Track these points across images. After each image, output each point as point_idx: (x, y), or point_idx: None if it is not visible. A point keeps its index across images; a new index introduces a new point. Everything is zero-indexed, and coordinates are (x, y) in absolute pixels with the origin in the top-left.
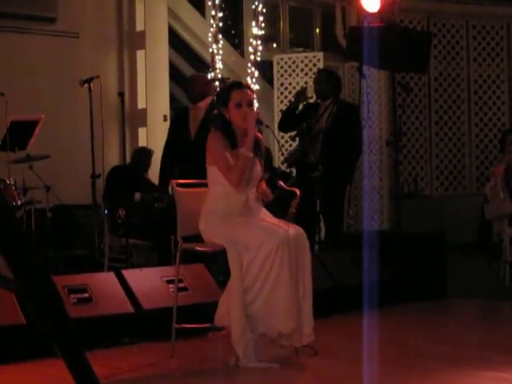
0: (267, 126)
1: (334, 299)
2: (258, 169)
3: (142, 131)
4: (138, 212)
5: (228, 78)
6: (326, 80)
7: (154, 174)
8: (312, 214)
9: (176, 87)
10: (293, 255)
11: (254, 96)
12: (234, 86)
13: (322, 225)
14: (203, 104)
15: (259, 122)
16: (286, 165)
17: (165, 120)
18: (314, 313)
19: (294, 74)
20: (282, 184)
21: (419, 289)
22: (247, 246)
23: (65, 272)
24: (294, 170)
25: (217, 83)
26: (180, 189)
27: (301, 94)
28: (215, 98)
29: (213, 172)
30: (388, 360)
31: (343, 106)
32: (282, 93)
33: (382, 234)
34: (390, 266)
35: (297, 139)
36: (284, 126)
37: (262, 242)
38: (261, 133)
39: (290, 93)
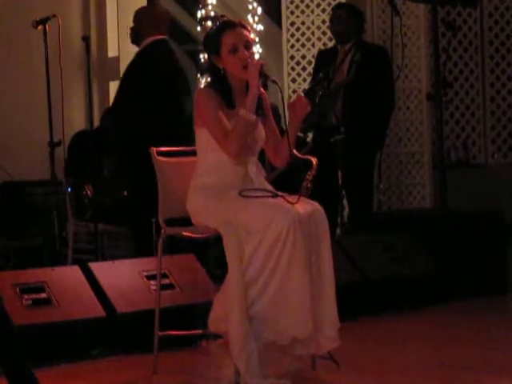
0: (274, 82)
1: (361, 296)
2: (262, 134)
3: (113, 86)
4: (110, 190)
5: (223, 16)
6: (346, 17)
7: None
8: (333, 188)
9: None
10: (307, 239)
11: (255, 38)
12: (223, 26)
13: (346, 202)
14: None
15: (263, 76)
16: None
17: None
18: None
19: (307, 11)
20: (295, 151)
21: (471, 283)
22: (249, 229)
23: (17, 266)
24: (309, 135)
25: (209, 23)
26: (161, 158)
27: (319, 84)
28: (202, 46)
29: (202, 136)
30: (430, 373)
31: (369, 50)
32: (292, 35)
33: (423, 214)
34: (433, 254)
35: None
36: None
37: (267, 223)
38: (265, 88)
39: (303, 35)
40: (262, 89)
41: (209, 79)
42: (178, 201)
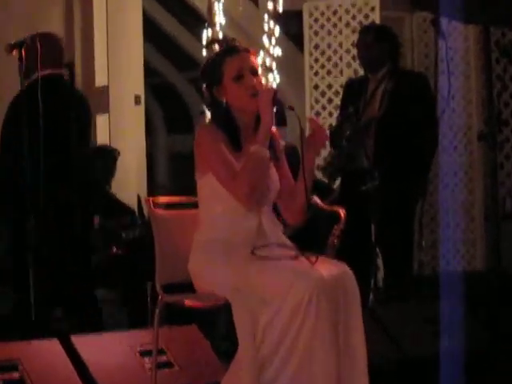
0: (290, 108)
1: (398, 377)
2: (276, 180)
3: (101, 120)
4: (96, 245)
5: (233, 40)
6: (377, 41)
7: (120, 186)
8: (364, 245)
9: (155, 53)
10: (334, 308)
11: (271, 64)
12: (225, 52)
13: (380, 263)
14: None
15: (277, 103)
16: (323, 173)
17: (137, 103)
18: None
19: (334, 31)
20: (318, 201)
21: None
22: (263, 297)
23: None
24: (336, 181)
25: (216, 47)
26: (159, 210)
27: (347, 120)
28: (201, 76)
29: (206, 184)
30: None
31: (405, 78)
32: (316, 60)
33: (474, 277)
34: (486, 327)
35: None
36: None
37: (286, 289)
38: (282, 121)
39: (329, 60)
40: (273, 127)
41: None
42: (179, 262)
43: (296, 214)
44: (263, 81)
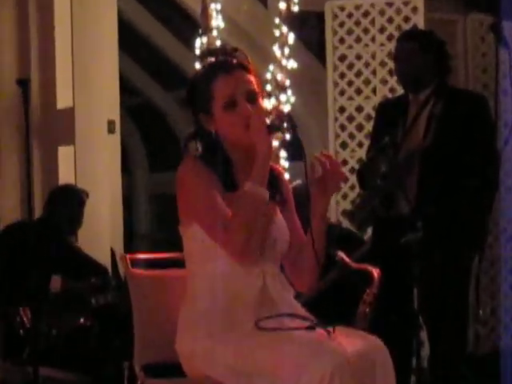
0: (290, 128)
1: None
2: (283, 229)
3: (65, 153)
4: (59, 315)
5: (235, 51)
6: (421, 51)
7: (89, 238)
8: (404, 315)
9: (134, 66)
10: None
11: (284, 80)
12: (214, 70)
13: (425, 336)
14: None
15: (274, 127)
16: (351, 220)
17: (111, 131)
18: None
19: (365, 38)
20: (344, 257)
21: None
22: (273, 380)
23: None
24: (367, 231)
25: (213, 60)
26: (138, 270)
27: (382, 152)
28: (186, 99)
29: (194, 237)
30: None
31: (457, 99)
32: (342, 75)
33: None
34: None
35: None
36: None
37: (300, 370)
38: (299, 150)
39: (358, 76)
40: (277, 166)
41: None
42: (163, 336)
43: (305, 279)
44: (271, 103)
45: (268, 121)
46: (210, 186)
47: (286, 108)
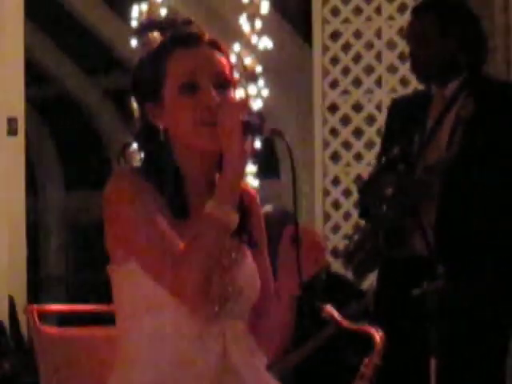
0: (274, 134)
1: None
2: (252, 271)
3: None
4: None
5: (189, 23)
6: (443, 28)
7: None
8: None
9: (46, 43)
10: None
11: (253, 66)
12: (172, 42)
13: None
14: None
15: (253, 128)
16: (346, 263)
17: (12, 132)
18: None
19: (368, 9)
20: (334, 313)
21: None
22: None
23: None
24: (367, 277)
25: (155, 34)
26: (49, 328)
27: (390, 171)
28: (131, 84)
29: (127, 279)
30: None
31: (494, 95)
32: (335, 60)
33: None
34: None
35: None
36: None
37: None
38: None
39: (356, 60)
40: (248, 188)
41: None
42: None
43: (263, 346)
44: (238, 95)
45: (244, 117)
46: (153, 208)
47: (257, 104)
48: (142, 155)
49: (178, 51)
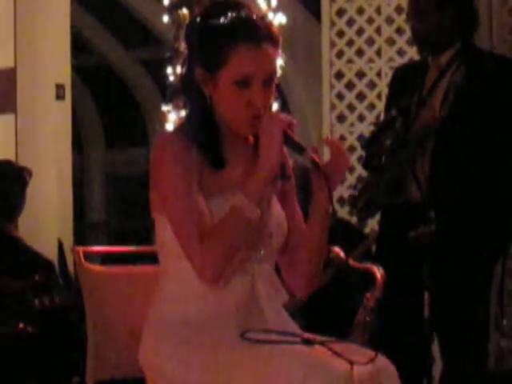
0: (300, 150)
1: None
2: (280, 217)
3: (4, 122)
4: None
5: (244, 7)
6: (437, 5)
7: (32, 226)
8: (413, 326)
9: (89, 20)
10: None
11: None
12: (237, 30)
13: (437, 352)
14: None
15: (293, 143)
16: (351, 210)
17: (60, 97)
18: None
19: None
20: (341, 254)
21: None
22: None
23: None
24: (370, 222)
25: (184, 11)
26: (93, 266)
27: (388, 128)
28: (185, 41)
29: (167, 225)
30: None
31: (484, 64)
32: (341, 33)
33: None
34: None
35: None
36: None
37: None
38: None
39: (359, 34)
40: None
41: (183, 113)
42: (123, 348)
43: (302, 280)
44: None
45: (288, 130)
46: (192, 176)
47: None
48: (185, 112)
49: (241, 45)
